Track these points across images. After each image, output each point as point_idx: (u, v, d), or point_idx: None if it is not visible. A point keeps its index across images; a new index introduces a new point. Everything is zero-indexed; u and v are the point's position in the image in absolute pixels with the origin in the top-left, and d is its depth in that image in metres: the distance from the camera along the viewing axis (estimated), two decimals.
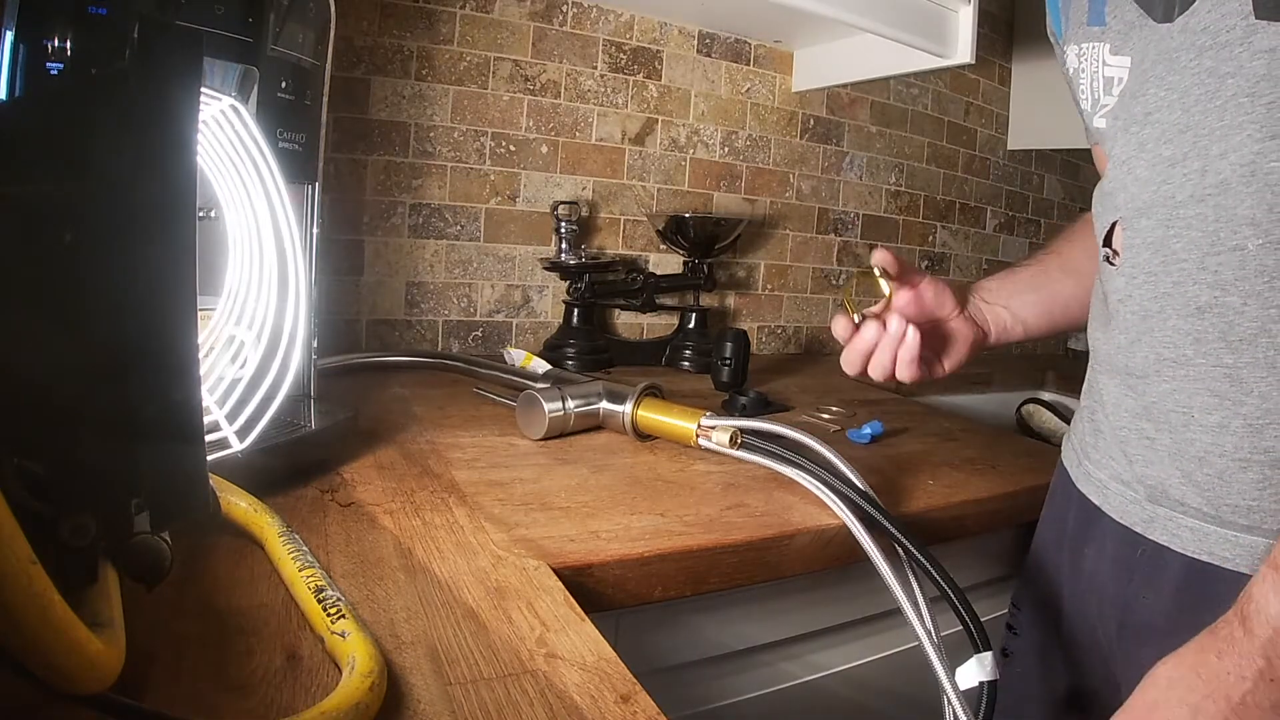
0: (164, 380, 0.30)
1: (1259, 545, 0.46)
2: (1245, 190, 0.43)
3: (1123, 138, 0.51)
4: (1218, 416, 0.46)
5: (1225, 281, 0.45)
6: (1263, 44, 0.41)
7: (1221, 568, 0.47)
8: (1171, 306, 0.48)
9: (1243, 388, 0.45)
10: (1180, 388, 0.48)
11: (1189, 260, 0.46)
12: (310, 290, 0.58)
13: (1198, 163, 0.45)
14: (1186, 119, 0.46)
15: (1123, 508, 0.54)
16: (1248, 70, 0.42)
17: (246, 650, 0.34)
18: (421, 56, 1.03)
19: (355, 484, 0.56)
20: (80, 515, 0.28)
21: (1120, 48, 0.51)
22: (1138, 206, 0.50)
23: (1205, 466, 0.47)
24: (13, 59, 0.41)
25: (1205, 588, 0.48)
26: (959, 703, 0.44)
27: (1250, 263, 0.43)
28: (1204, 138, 0.45)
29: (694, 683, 0.60)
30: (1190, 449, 0.48)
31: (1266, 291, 0.43)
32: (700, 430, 0.66)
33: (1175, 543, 0.49)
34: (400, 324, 1.07)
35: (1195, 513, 0.49)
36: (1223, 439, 0.46)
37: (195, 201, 0.30)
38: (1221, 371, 0.46)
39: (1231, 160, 0.43)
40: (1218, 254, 0.45)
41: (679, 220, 1.13)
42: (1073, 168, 1.82)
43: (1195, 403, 0.47)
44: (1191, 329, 0.47)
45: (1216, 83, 0.44)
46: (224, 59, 0.53)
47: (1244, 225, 0.43)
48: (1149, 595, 0.51)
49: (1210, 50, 0.44)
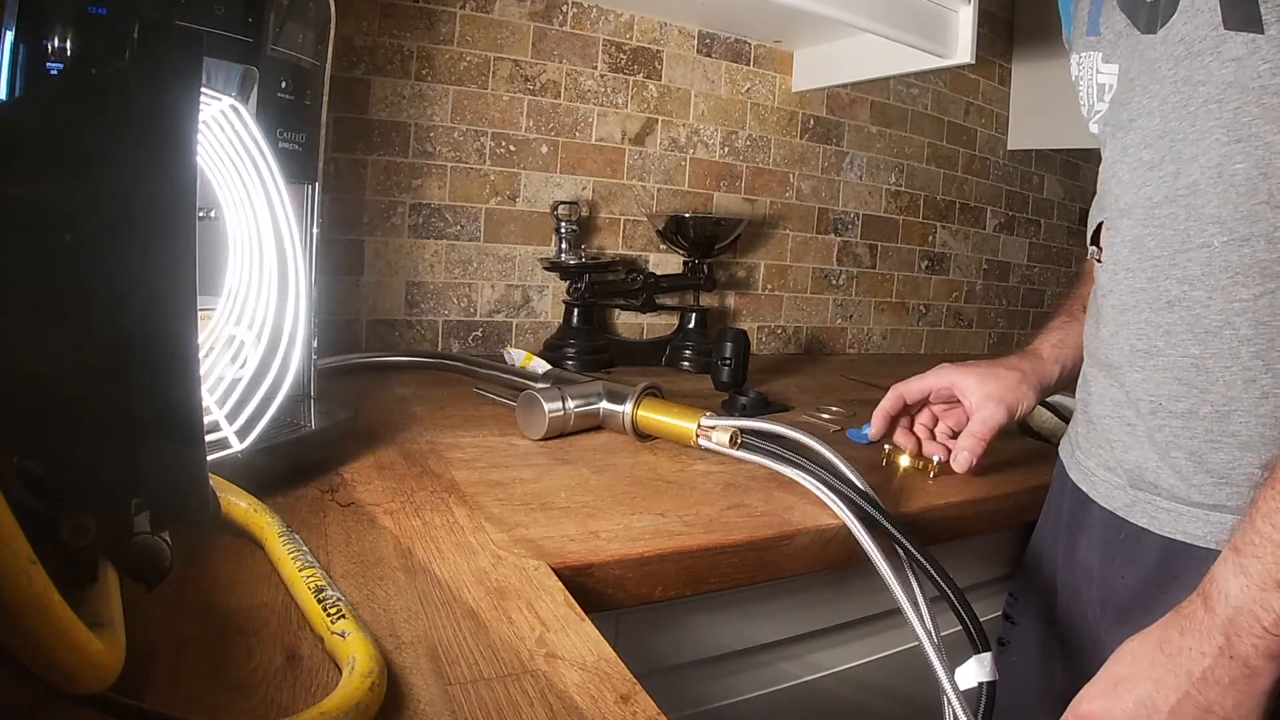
0: (164, 380, 0.30)
1: (1227, 522, 0.48)
2: (1213, 190, 0.46)
3: (1110, 143, 0.54)
4: (1186, 404, 0.49)
5: (1193, 277, 0.47)
6: (1230, 53, 0.44)
7: (1193, 545, 0.49)
8: (1145, 301, 0.51)
9: (1209, 377, 0.48)
10: (1150, 377, 0.51)
11: (1161, 257, 0.49)
12: (310, 290, 0.58)
13: (1172, 166, 0.48)
14: (1164, 125, 0.48)
15: (1108, 493, 0.56)
16: (1217, 78, 0.45)
17: (246, 650, 0.34)
18: (421, 56, 1.03)
19: (355, 484, 0.56)
20: (80, 515, 0.28)
21: (1110, 56, 0.54)
22: (1120, 208, 0.53)
23: (1175, 450, 0.50)
24: (13, 59, 0.41)
25: (1177, 566, 0.50)
26: (959, 703, 0.44)
27: (1216, 259, 0.46)
28: (1178, 142, 0.47)
29: (694, 683, 0.60)
30: (1161, 434, 0.51)
31: (1230, 286, 0.46)
32: (700, 430, 0.66)
33: (1154, 524, 0.52)
34: (400, 324, 1.07)
35: (1169, 495, 0.51)
36: (1192, 424, 0.49)
37: (195, 201, 0.30)
38: (1189, 361, 0.48)
39: (1201, 163, 0.46)
40: (1187, 251, 0.48)
41: (679, 220, 1.13)
42: (1073, 168, 1.82)
43: (1164, 391, 0.50)
44: (1162, 321, 0.50)
45: (1190, 90, 0.46)
46: (224, 59, 0.53)
47: (1211, 224, 0.46)
48: (1126, 574, 0.54)
49: (1186, 60, 0.46)
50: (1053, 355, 0.70)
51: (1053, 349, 0.71)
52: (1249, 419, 0.46)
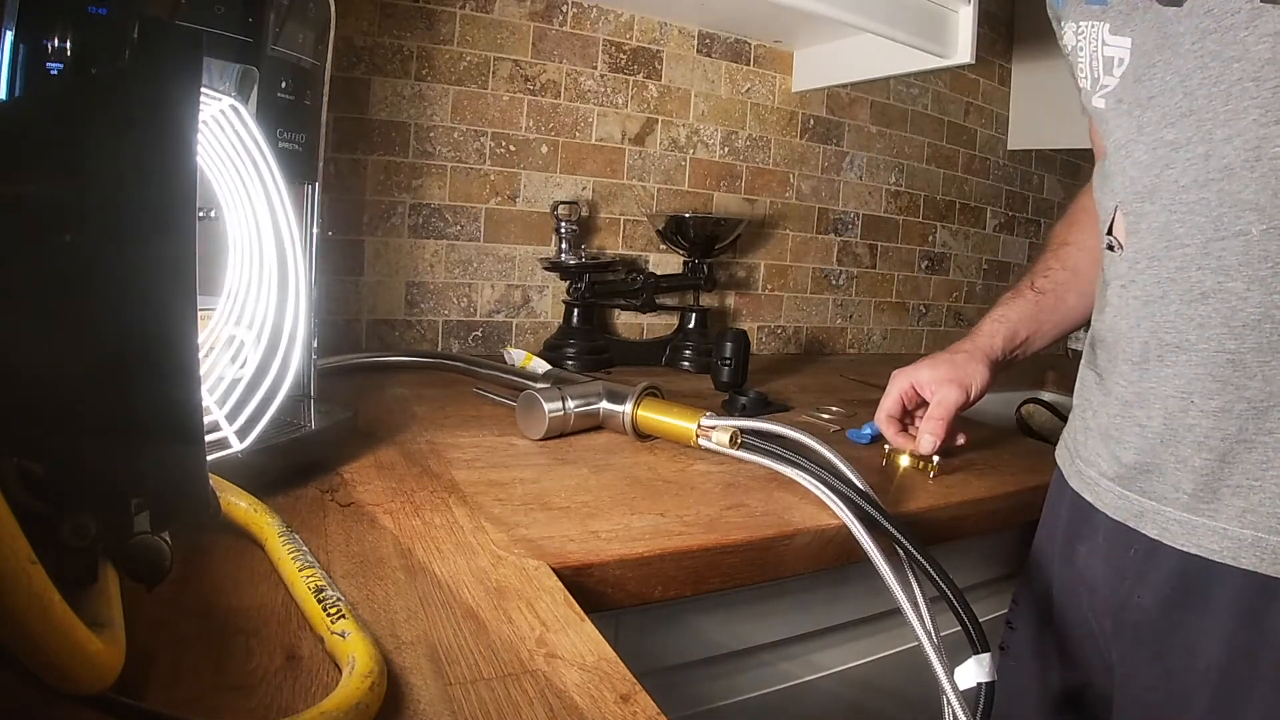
0: (164, 380, 0.30)
1: (1246, 538, 0.45)
2: (1249, 175, 0.43)
3: (1123, 121, 0.51)
4: (1219, 401, 0.46)
5: (1229, 267, 0.45)
6: (1268, 28, 0.41)
7: (1211, 560, 0.47)
8: (1174, 292, 0.48)
9: (1246, 372, 0.45)
10: (1181, 372, 0.48)
11: (1192, 245, 0.46)
12: (310, 290, 0.58)
13: (1201, 147, 0.45)
14: (1189, 103, 0.45)
15: (1114, 504, 0.54)
16: (1253, 54, 0.42)
17: (246, 650, 0.34)
18: (421, 56, 1.03)
19: (355, 484, 0.56)
20: (80, 515, 0.28)
21: (1120, 28, 0.50)
22: (1138, 191, 0.50)
23: (1204, 451, 0.47)
24: (13, 59, 0.41)
25: (1196, 583, 0.48)
26: (958, 703, 0.44)
27: (1254, 248, 0.43)
28: (1207, 121, 0.44)
29: (694, 683, 0.60)
30: (1189, 435, 0.48)
31: (1270, 277, 0.43)
32: (700, 430, 0.66)
33: (1166, 536, 0.49)
34: (400, 324, 1.07)
35: (1185, 504, 0.48)
36: (1225, 422, 0.46)
37: (195, 201, 0.30)
38: (1225, 356, 0.46)
39: (1236, 145, 0.43)
40: (1221, 239, 0.45)
41: (679, 220, 1.13)
42: (1073, 168, 1.82)
43: (1195, 388, 0.47)
44: (1194, 314, 0.47)
45: (1220, 66, 0.43)
46: (224, 59, 0.53)
47: (1248, 210, 0.43)
48: (1142, 595, 0.51)
49: (1214, 33, 0.43)
50: (991, 330, 0.73)
51: (993, 324, 0.73)
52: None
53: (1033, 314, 0.72)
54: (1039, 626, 0.62)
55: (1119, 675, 0.54)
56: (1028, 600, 0.65)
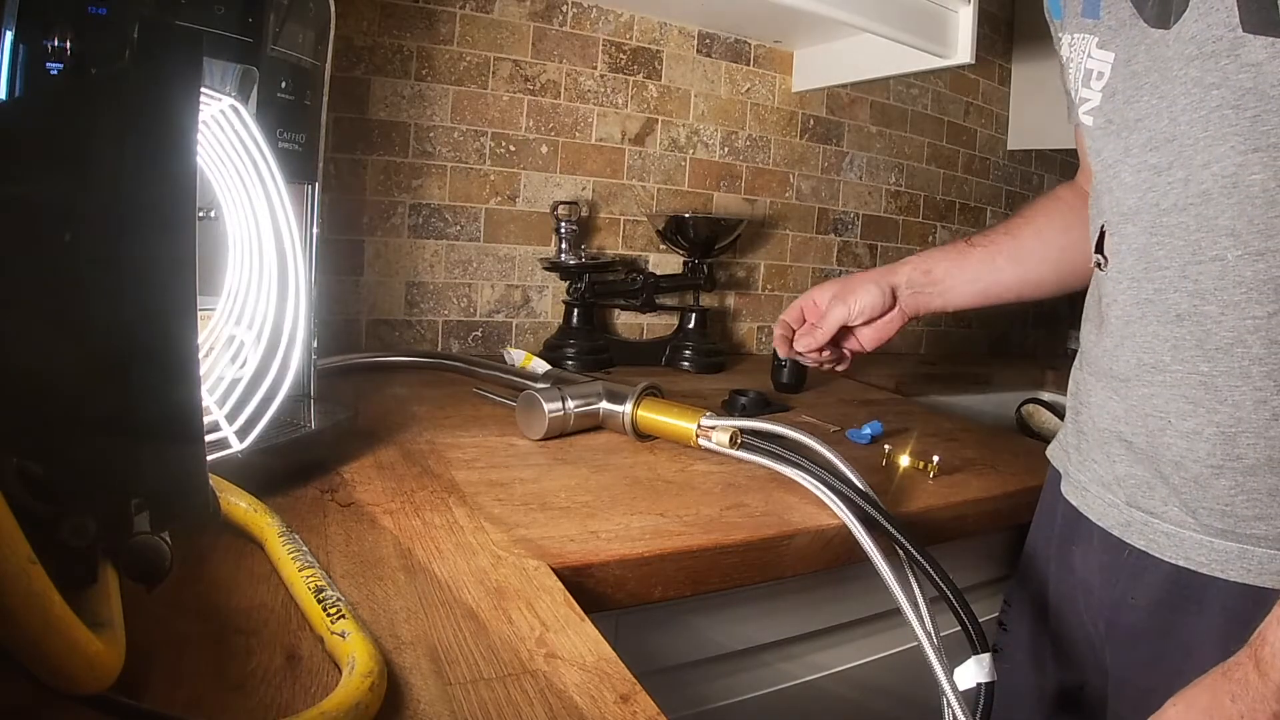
0: (164, 380, 0.30)
1: (1232, 550, 0.46)
2: (1226, 201, 0.43)
3: (1111, 142, 0.51)
4: (1192, 423, 0.47)
5: (1204, 290, 0.45)
6: (1250, 57, 0.41)
7: (1198, 572, 0.47)
8: (1153, 313, 0.49)
9: (1217, 395, 0.45)
10: (1157, 393, 0.49)
11: (1171, 268, 0.47)
12: (310, 290, 0.58)
13: (1182, 172, 0.46)
14: (1173, 128, 0.46)
15: (1102, 511, 0.54)
16: (1234, 82, 0.42)
17: (246, 650, 0.34)
18: (421, 56, 1.03)
19: (355, 484, 0.56)
20: (80, 515, 0.28)
21: (1107, 43, 0.51)
22: (1123, 211, 0.51)
23: (1181, 471, 0.48)
24: (13, 59, 0.41)
25: (1186, 592, 0.48)
26: (958, 703, 0.44)
27: (1229, 273, 0.44)
28: (1188, 147, 0.45)
29: (694, 683, 0.60)
30: (1167, 453, 0.48)
31: (1243, 302, 0.44)
32: (700, 430, 0.66)
33: (1153, 548, 0.50)
34: (400, 324, 1.07)
35: (1171, 518, 0.49)
36: (1196, 445, 0.47)
37: (195, 201, 0.30)
38: (1197, 379, 0.46)
39: (1214, 171, 0.44)
40: (1199, 263, 0.45)
41: (679, 220, 1.13)
42: (1072, 168, 1.80)
43: (1171, 408, 0.48)
44: (1170, 335, 0.47)
45: (1202, 93, 0.44)
46: (224, 59, 0.53)
47: (1224, 236, 0.44)
48: (1136, 597, 0.52)
49: (1197, 60, 0.44)
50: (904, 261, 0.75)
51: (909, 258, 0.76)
52: (1257, 441, 0.44)
53: (956, 260, 0.73)
54: (1034, 628, 0.63)
55: (1113, 677, 0.54)
56: (1022, 601, 0.65)
